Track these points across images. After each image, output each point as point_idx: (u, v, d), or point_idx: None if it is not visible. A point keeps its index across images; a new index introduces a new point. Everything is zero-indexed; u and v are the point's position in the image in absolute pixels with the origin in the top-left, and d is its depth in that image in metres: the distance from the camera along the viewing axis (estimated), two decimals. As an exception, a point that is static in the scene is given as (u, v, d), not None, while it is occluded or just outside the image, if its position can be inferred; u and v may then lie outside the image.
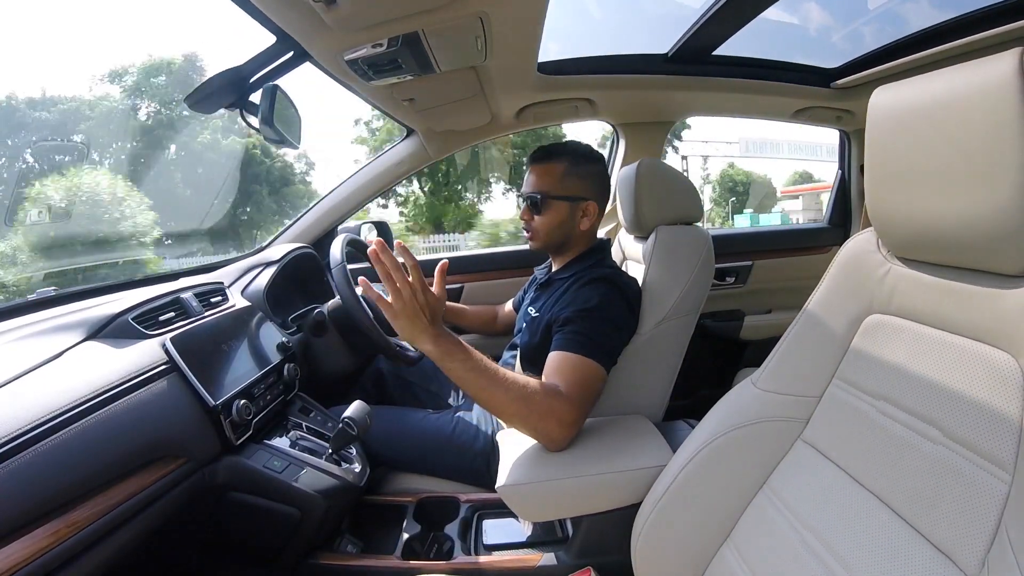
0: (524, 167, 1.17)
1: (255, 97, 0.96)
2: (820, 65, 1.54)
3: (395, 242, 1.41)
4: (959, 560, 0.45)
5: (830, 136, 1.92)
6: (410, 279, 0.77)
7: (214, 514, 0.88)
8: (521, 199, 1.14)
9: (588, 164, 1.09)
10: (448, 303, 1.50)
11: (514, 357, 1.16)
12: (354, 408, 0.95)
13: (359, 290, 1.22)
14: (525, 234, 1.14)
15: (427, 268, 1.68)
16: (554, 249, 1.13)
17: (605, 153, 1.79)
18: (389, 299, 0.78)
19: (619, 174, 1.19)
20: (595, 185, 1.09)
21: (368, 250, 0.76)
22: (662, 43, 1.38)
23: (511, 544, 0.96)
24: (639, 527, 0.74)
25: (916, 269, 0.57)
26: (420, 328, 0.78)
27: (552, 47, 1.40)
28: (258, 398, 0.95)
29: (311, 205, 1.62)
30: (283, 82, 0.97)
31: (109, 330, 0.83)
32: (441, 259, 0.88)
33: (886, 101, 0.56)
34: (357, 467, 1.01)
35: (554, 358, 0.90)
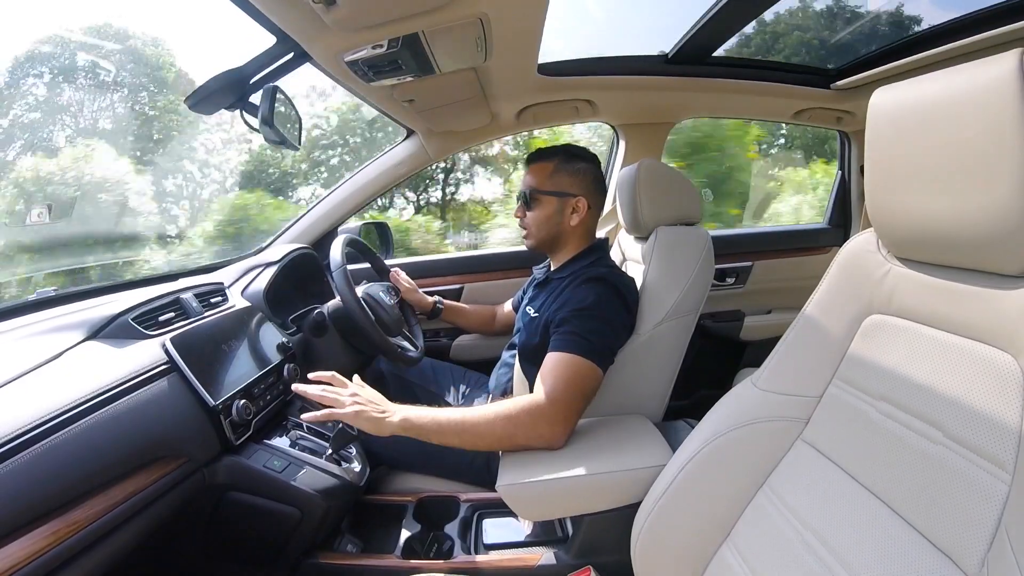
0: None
1: (255, 98, 0.96)
2: (820, 66, 1.54)
3: (392, 272, 1.44)
4: (959, 560, 0.45)
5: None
6: (344, 391, 0.86)
7: (214, 514, 0.88)
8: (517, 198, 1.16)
9: (578, 162, 1.10)
10: (448, 302, 1.51)
11: (513, 357, 1.16)
12: None
13: (359, 291, 1.22)
14: (522, 234, 1.15)
15: (424, 269, 1.68)
16: (547, 246, 1.14)
17: (604, 155, 1.79)
18: (340, 414, 0.84)
19: (619, 175, 1.19)
20: (586, 182, 1.10)
21: (294, 388, 0.86)
22: (662, 44, 1.39)
23: (511, 543, 0.96)
24: (639, 527, 0.74)
25: (916, 269, 0.57)
26: (380, 416, 0.84)
27: (552, 47, 1.40)
28: (258, 398, 0.95)
29: (311, 206, 1.62)
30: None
31: (109, 330, 0.83)
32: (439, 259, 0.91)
33: (886, 102, 0.56)
34: (357, 467, 1.01)
35: (548, 360, 0.92)
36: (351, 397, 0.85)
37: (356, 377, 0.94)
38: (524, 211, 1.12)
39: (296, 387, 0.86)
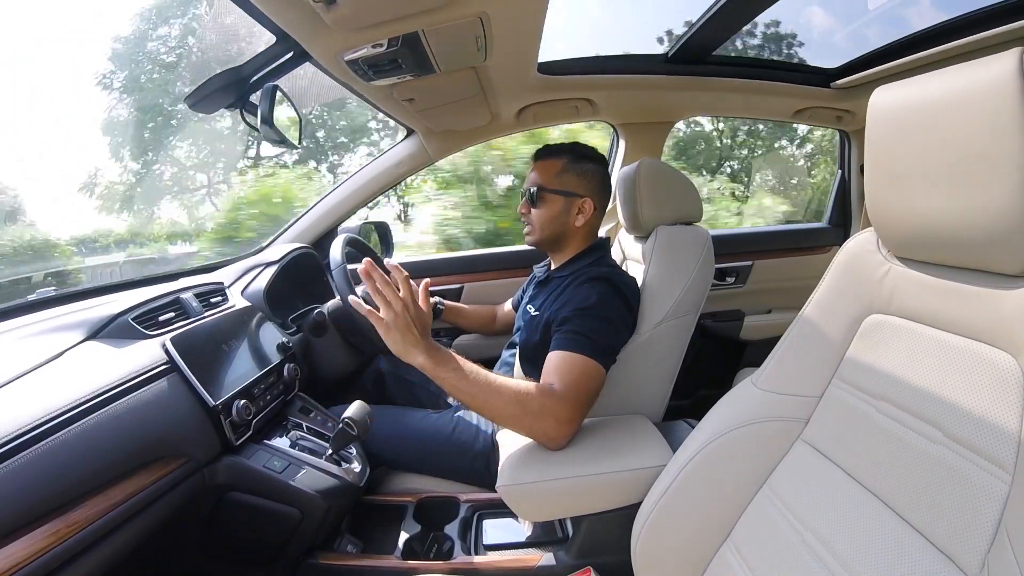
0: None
1: (255, 97, 0.96)
2: (820, 65, 1.54)
3: (388, 262, 1.44)
4: (959, 560, 0.45)
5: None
6: (400, 294, 0.81)
7: (214, 514, 0.88)
8: (521, 193, 1.15)
9: (587, 163, 1.10)
10: (448, 303, 1.51)
11: (513, 356, 1.16)
12: (354, 408, 0.95)
13: (359, 290, 1.22)
14: (524, 230, 1.15)
15: (424, 269, 1.67)
16: (550, 244, 1.14)
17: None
18: (380, 314, 0.80)
19: (619, 174, 1.19)
20: (593, 183, 1.10)
21: (359, 269, 0.80)
22: (662, 43, 1.39)
23: (511, 544, 0.96)
24: (639, 527, 0.74)
25: (916, 269, 0.57)
26: (412, 341, 0.81)
27: (552, 47, 1.40)
28: (258, 398, 0.95)
29: (311, 206, 1.62)
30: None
31: (109, 330, 0.83)
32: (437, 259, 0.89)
33: (886, 101, 0.56)
34: (357, 467, 1.01)
35: (551, 358, 0.91)
36: (399, 308, 0.80)
37: (425, 283, 0.87)
38: (529, 207, 1.12)
39: (363, 265, 0.79)
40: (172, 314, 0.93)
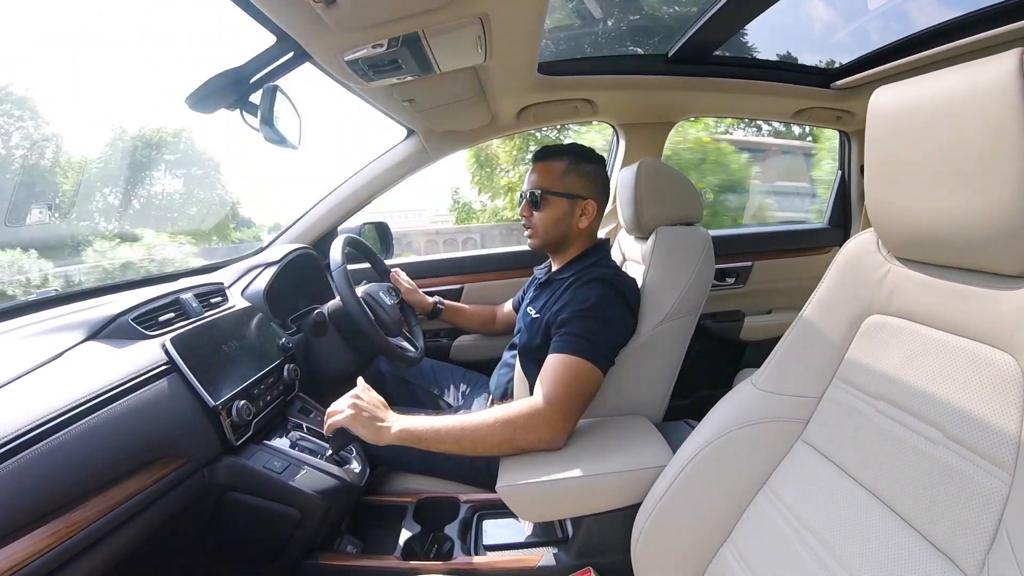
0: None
1: (255, 97, 0.96)
2: (821, 66, 1.54)
3: (392, 273, 1.44)
4: (959, 560, 0.45)
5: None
6: (346, 400, 0.89)
7: (214, 514, 0.88)
8: (520, 196, 1.14)
9: (588, 163, 1.09)
10: (448, 303, 1.51)
11: (514, 357, 1.16)
12: None
13: (359, 291, 1.22)
14: (525, 232, 1.14)
15: (424, 269, 1.67)
16: (553, 247, 1.13)
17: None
18: (339, 420, 0.86)
19: (619, 175, 1.19)
20: (595, 184, 1.10)
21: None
22: (662, 43, 1.38)
23: (511, 544, 0.96)
24: (639, 527, 0.74)
25: (916, 270, 0.57)
26: (379, 421, 0.86)
27: (552, 47, 1.40)
28: (258, 398, 0.95)
29: (311, 206, 1.62)
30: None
31: (109, 330, 0.83)
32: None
33: (886, 101, 0.56)
34: (357, 467, 1.01)
35: (548, 361, 0.92)
36: (350, 402, 0.87)
37: (360, 380, 0.94)
38: (531, 210, 1.11)
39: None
40: (172, 314, 0.93)
